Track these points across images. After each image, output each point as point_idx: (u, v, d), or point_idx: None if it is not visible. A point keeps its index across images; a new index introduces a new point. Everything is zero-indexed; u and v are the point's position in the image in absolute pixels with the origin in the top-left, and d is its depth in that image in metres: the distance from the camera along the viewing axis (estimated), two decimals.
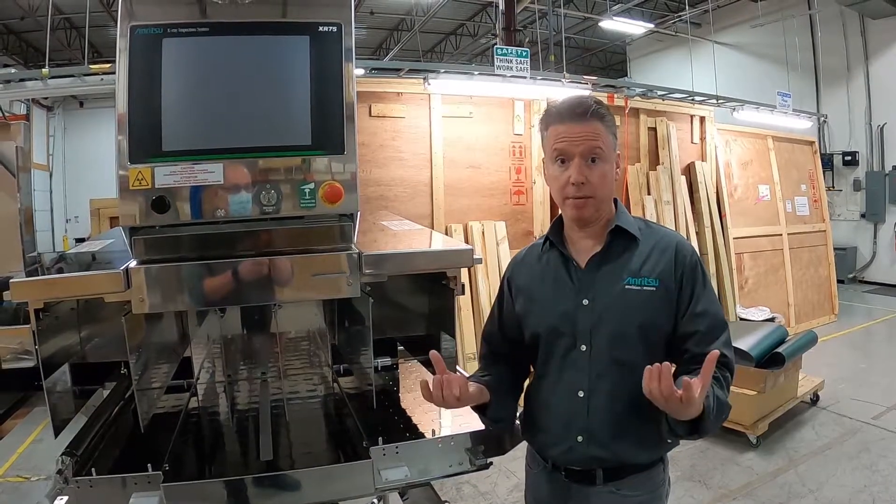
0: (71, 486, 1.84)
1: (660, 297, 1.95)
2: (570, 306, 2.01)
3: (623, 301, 1.96)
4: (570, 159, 1.95)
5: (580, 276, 2.02)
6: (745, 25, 15.71)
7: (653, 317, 1.96)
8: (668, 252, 1.99)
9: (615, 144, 2.00)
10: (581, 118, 1.93)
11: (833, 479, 4.94)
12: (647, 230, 2.07)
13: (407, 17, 18.80)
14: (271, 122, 1.89)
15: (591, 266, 2.02)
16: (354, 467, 2.01)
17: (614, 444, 1.96)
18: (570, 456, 2.01)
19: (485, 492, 4.86)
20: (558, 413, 2.03)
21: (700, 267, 2.02)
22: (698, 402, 1.68)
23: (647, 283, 1.96)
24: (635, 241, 2.02)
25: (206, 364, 2.76)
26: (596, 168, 1.94)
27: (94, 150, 16.70)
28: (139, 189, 1.82)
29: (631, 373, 1.86)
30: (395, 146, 6.52)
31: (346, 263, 1.95)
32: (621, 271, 1.99)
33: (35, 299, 1.84)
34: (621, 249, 2.02)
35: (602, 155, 1.94)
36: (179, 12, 1.86)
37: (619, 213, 2.06)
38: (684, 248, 2.02)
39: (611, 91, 8.26)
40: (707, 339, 1.93)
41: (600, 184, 1.95)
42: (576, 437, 1.98)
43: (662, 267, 1.97)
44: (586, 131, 1.93)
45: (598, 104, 1.97)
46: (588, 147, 1.92)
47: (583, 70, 20.69)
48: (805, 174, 10.64)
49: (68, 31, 17.15)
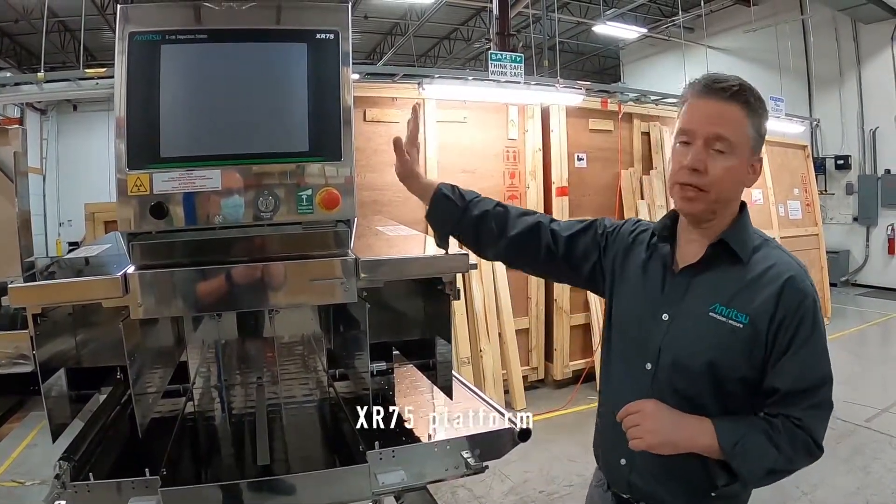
0: (69, 490, 1.83)
1: (744, 339, 1.67)
2: (648, 315, 1.83)
3: (700, 329, 1.72)
4: (692, 141, 1.69)
5: (670, 284, 1.82)
6: (739, 30, 15.81)
7: (729, 358, 1.69)
8: (773, 287, 1.67)
9: (756, 142, 1.72)
10: (719, 95, 1.67)
11: (827, 481, 4.99)
12: (761, 253, 1.76)
13: (401, 21, 18.83)
14: (269, 128, 1.89)
15: (684, 276, 1.80)
16: (351, 472, 2.01)
17: (656, 483, 1.81)
18: (614, 477, 1.93)
19: (479, 495, 4.88)
20: (611, 431, 1.87)
21: (812, 313, 1.67)
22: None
23: (734, 316, 1.68)
24: (741, 262, 1.74)
25: (201, 368, 2.77)
26: (720, 160, 1.67)
27: (88, 153, 16.75)
28: (137, 195, 1.82)
29: (694, 411, 1.71)
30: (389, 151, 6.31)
31: (343, 269, 1.95)
32: (713, 293, 1.73)
33: (33, 304, 1.84)
34: (722, 267, 1.75)
35: (731, 147, 1.67)
36: (178, 19, 1.87)
37: (736, 224, 1.78)
38: (794, 288, 1.67)
39: (604, 96, 8.30)
40: (787, 402, 1.67)
41: (722, 179, 1.68)
42: (619, 458, 1.88)
43: (759, 303, 1.67)
44: (720, 113, 1.67)
45: (742, 85, 1.69)
46: (714, 132, 1.66)
47: (576, 75, 20.79)
48: (798, 178, 10.69)
49: (62, 33, 17.15)
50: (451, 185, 2.13)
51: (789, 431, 1.65)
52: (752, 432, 1.66)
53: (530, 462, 5.37)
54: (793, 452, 1.66)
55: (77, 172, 16.96)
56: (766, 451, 1.64)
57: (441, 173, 6.74)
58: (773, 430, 1.66)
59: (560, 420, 6.64)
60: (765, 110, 1.74)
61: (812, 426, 1.67)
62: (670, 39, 17.77)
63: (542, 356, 7.71)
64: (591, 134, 7.90)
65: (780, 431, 1.65)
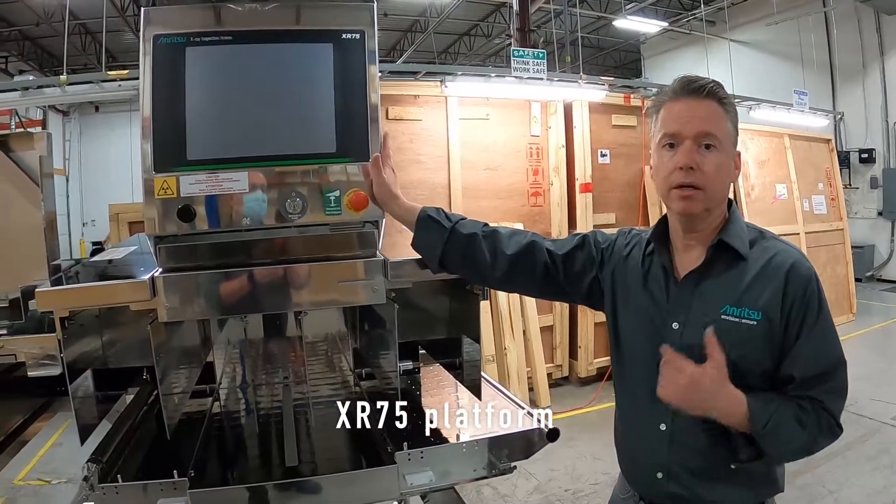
0: (97, 492, 1.84)
1: (760, 335, 1.67)
2: (658, 326, 1.81)
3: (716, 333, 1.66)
4: (679, 143, 1.71)
5: (674, 293, 1.80)
6: (760, 23, 15.63)
7: (751, 355, 1.68)
8: (778, 277, 1.68)
9: (735, 138, 1.75)
10: (696, 95, 1.70)
11: (853, 479, 4.93)
12: (759, 247, 1.76)
13: (420, 18, 18.82)
14: (296, 130, 1.89)
15: (688, 283, 1.78)
16: (380, 472, 2.00)
17: (701, 485, 1.77)
18: (651, 491, 1.88)
19: (504, 494, 4.87)
20: (640, 444, 1.88)
21: (816, 296, 1.69)
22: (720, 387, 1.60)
23: (746, 315, 1.68)
24: (742, 259, 1.74)
25: (227, 368, 2.77)
26: (710, 156, 1.69)
27: (110, 153, 16.85)
28: (164, 198, 1.82)
29: None
30: (412, 149, 6.55)
31: (371, 270, 1.95)
32: (720, 296, 1.72)
33: (61, 308, 1.85)
34: (724, 268, 1.75)
35: (718, 143, 1.69)
36: (201, 21, 1.87)
37: (729, 223, 1.78)
38: (798, 274, 1.69)
39: (627, 91, 8.23)
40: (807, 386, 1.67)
41: (714, 175, 1.69)
42: (655, 473, 1.83)
43: (768, 296, 1.68)
44: (702, 111, 1.70)
45: (715, 82, 1.73)
46: (702, 130, 1.68)
47: (597, 70, 20.68)
48: (822, 172, 10.57)
49: (83, 35, 17.26)
50: (436, 207, 2.07)
51: (816, 412, 1.66)
52: (783, 411, 1.64)
53: (555, 460, 5.34)
54: (818, 432, 1.68)
55: (100, 172, 17.06)
56: (795, 431, 1.65)
57: (464, 171, 6.79)
58: (802, 411, 1.66)
59: (585, 418, 6.61)
60: (734, 103, 1.77)
61: (833, 408, 1.70)
62: (692, 33, 17.65)
63: (566, 353, 7.68)
64: (615, 130, 7.85)
65: (808, 412, 1.66)
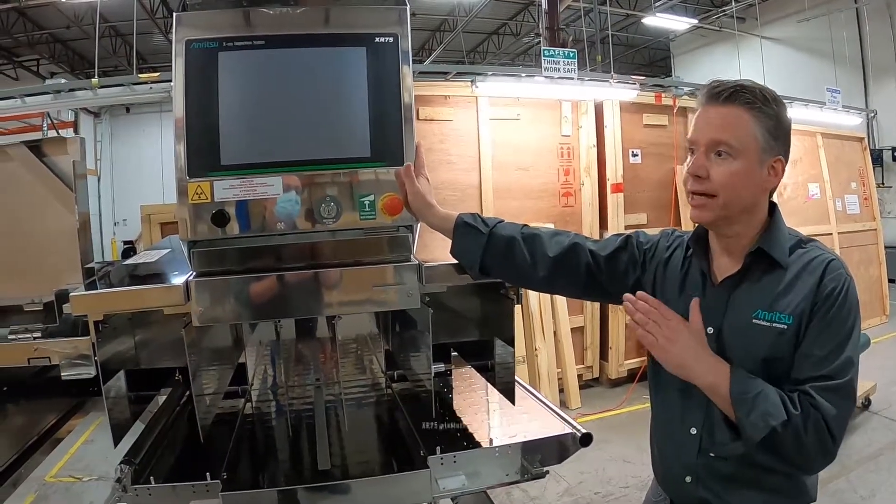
0: (130, 494, 1.85)
1: (789, 339, 1.63)
2: None
3: (747, 337, 1.68)
4: (696, 150, 1.70)
5: (711, 298, 1.77)
6: (791, 19, 15.48)
7: (780, 354, 1.64)
8: (812, 280, 1.64)
9: (771, 143, 1.67)
10: (714, 101, 1.67)
11: (886, 485, 4.85)
12: (798, 255, 1.72)
13: (449, 17, 18.81)
14: (329, 134, 1.88)
15: (724, 288, 1.76)
16: (412, 477, 1.99)
17: (729, 491, 1.75)
18: (680, 494, 1.87)
19: (534, 496, 4.85)
20: (671, 447, 1.87)
21: (838, 295, 1.62)
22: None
23: (778, 319, 1.64)
24: (780, 267, 1.69)
25: (259, 369, 2.78)
26: (722, 164, 1.65)
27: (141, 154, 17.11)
28: (198, 203, 1.83)
29: None
30: (443, 149, 6.53)
31: (406, 275, 1.94)
32: (754, 301, 1.69)
33: (95, 312, 1.86)
34: (760, 274, 1.71)
35: (733, 150, 1.64)
36: (234, 25, 1.87)
37: (770, 231, 1.75)
38: (827, 273, 1.64)
39: (658, 90, 8.13)
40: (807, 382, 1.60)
41: (727, 183, 1.65)
42: (684, 476, 1.82)
43: (800, 300, 1.63)
44: (717, 118, 1.66)
45: (741, 86, 1.66)
46: (713, 137, 1.65)
47: (627, 68, 20.59)
48: (855, 171, 10.39)
49: (113, 38, 17.45)
50: (472, 213, 2.07)
51: (805, 407, 1.56)
52: (767, 391, 1.59)
53: (585, 463, 5.29)
54: (803, 428, 1.55)
55: (130, 173, 17.28)
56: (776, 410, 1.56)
57: (495, 171, 6.75)
58: (790, 400, 1.58)
59: (615, 420, 6.56)
60: (775, 107, 1.68)
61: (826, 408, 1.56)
62: (722, 30, 17.52)
63: (597, 355, 7.63)
64: (646, 129, 7.77)
65: (795, 404, 1.57)
